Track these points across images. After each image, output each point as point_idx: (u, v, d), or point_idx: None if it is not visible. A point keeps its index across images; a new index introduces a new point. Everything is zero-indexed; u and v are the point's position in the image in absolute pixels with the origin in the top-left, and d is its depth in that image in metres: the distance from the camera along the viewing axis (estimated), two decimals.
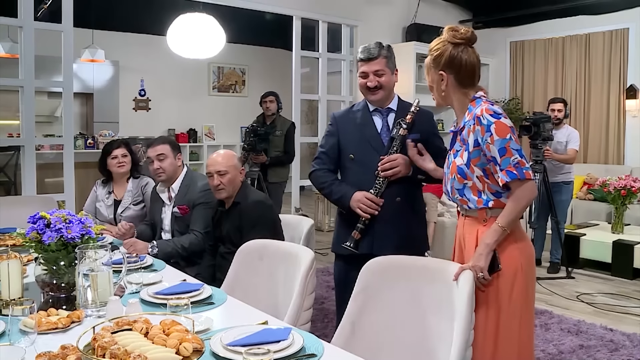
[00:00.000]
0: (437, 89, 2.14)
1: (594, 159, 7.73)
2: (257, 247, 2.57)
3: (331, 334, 2.15)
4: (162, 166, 3.34)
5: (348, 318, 2.11)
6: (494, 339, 2.02)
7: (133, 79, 10.04)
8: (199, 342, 1.50)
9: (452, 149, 2.18)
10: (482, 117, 2.00)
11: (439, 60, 2.09)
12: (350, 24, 7.15)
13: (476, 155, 2.04)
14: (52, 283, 2.06)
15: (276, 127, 5.83)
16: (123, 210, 3.76)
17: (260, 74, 11.43)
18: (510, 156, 1.97)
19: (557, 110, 5.55)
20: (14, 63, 5.66)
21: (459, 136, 2.13)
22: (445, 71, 2.09)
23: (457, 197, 2.12)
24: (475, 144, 2.03)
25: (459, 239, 2.19)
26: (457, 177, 2.09)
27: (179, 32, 4.56)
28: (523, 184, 1.98)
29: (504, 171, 1.97)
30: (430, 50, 2.13)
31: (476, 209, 2.08)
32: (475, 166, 2.05)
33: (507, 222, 1.99)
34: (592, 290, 4.94)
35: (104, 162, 3.82)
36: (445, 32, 2.10)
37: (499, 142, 1.97)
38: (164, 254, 3.04)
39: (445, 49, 2.08)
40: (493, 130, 1.98)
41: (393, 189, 2.60)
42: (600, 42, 7.62)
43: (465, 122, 2.09)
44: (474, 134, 2.02)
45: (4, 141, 7.56)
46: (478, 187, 2.06)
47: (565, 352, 3.55)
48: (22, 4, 4.57)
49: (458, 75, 2.09)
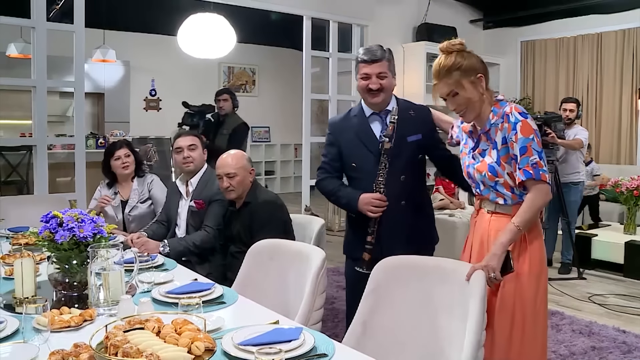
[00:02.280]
0: (478, 96, 2.11)
1: (606, 159, 7.68)
2: (268, 247, 2.57)
3: (341, 334, 2.15)
4: (192, 155, 3.39)
5: (359, 318, 2.11)
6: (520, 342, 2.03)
7: (144, 79, 10.09)
8: (210, 342, 1.50)
9: (477, 149, 2.17)
10: (510, 114, 2.05)
11: (472, 65, 2.09)
12: (361, 24, 7.15)
13: (505, 152, 2.07)
14: (64, 282, 2.07)
15: (223, 125, 5.61)
16: (131, 209, 3.78)
17: (271, 73, 11.46)
18: (530, 155, 1.99)
19: (569, 110, 5.52)
20: (26, 63, 5.70)
21: (486, 136, 2.13)
22: (482, 74, 2.11)
23: (491, 190, 2.13)
24: (503, 141, 2.06)
25: (480, 236, 2.18)
26: (488, 175, 2.10)
27: (190, 32, 4.58)
28: (538, 185, 2.00)
29: (521, 170, 2.00)
30: (452, 66, 2.08)
31: (511, 205, 2.09)
32: (506, 163, 2.07)
33: (522, 221, 2.00)
34: (604, 292, 4.90)
35: (108, 164, 3.84)
36: (446, 47, 2.12)
37: (521, 141, 2.01)
38: (175, 252, 3.05)
39: (464, 57, 2.09)
40: (518, 129, 2.02)
41: (397, 192, 2.60)
42: (612, 41, 7.57)
43: (491, 124, 2.10)
44: (502, 132, 2.06)
45: (17, 141, 7.62)
46: (510, 184, 2.08)
47: (577, 354, 3.53)
48: (34, 5, 4.60)
49: (487, 75, 2.14)
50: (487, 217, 2.17)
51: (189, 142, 3.42)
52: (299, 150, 11.09)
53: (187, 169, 3.43)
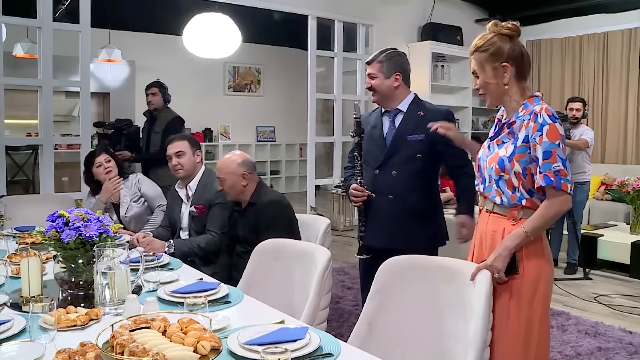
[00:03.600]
0: (497, 84, 2.06)
1: (612, 159, 7.65)
2: (274, 246, 2.57)
3: (346, 334, 2.15)
4: (180, 162, 3.38)
5: (365, 318, 2.11)
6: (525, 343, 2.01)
7: (149, 78, 10.03)
8: (216, 341, 1.50)
9: (496, 139, 2.13)
10: (539, 114, 1.96)
11: (501, 52, 2.03)
12: (366, 24, 7.14)
13: (522, 151, 2.00)
14: (70, 281, 2.08)
15: (156, 122, 5.21)
16: (126, 211, 3.79)
17: (276, 73, 11.46)
18: (554, 162, 1.94)
19: (575, 110, 5.50)
20: (32, 63, 5.73)
21: (508, 129, 2.08)
22: (509, 62, 2.03)
23: (494, 186, 2.08)
24: (525, 140, 1.99)
25: (480, 236, 2.17)
26: (495, 167, 2.05)
27: (195, 32, 4.58)
28: (557, 194, 1.94)
29: (542, 175, 1.94)
30: (482, 46, 2.05)
31: (508, 206, 2.04)
32: (517, 162, 2.00)
33: (532, 228, 1.95)
34: (610, 292, 4.88)
35: (90, 173, 3.82)
36: (492, 26, 2.06)
37: (546, 145, 1.94)
38: (180, 253, 3.05)
39: (502, 41, 2.03)
40: (545, 131, 1.94)
41: (385, 186, 2.77)
42: (618, 40, 7.54)
43: (519, 117, 2.04)
44: (526, 129, 1.99)
45: (23, 140, 7.65)
46: (513, 183, 2.02)
47: (583, 354, 3.51)
48: (40, 5, 4.62)
49: (520, 67, 2.05)
50: (486, 217, 2.15)
51: (176, 149, 3.40)
52: (304, 150, 11.08)
53: (178, 176, 3.43)
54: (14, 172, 7.68)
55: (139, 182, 3.87)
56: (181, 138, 3.49)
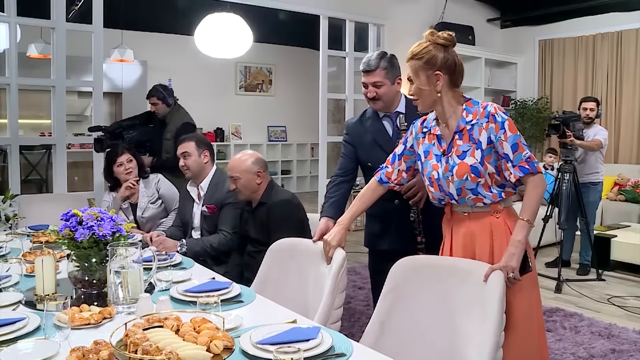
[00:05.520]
0: (430, 91, 2.13)
1: (626, 160, 7.57)
2: (288, 245, 2.57)
3: (358, 334, 2.15)
4: (186, 163, 3.40)
5: (377, 317, 2.11)
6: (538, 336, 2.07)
7: (161, 78, 10.07)
8: (229, 340, 1.50)
9: (453, 151, 2.13)
10: (496, 115, 2.07)
11: (435, 61, 2.10)
12: (377, 23, 7.12)
13: (489, 152, 2.08)
14: (84, 279, 2.10)
15: (166, 129, 5.00)
16: (143, 212, 3.79)
17: (287, 73, 11.47)
18: (522, 151, 2.04)
19: (589, 110, 5.45)
20: (46, 63, 5.77)
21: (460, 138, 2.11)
22: (441, 71, 2.10)
23: (470, 196, 2.11)
24: (489, 141, 2.07)
25: (462, 238, 2.17)
26: (470, 177, 2.09)
27: (207, 32, 4.59)
28: (535, 177, 2.05)
29: (517, 167, 2.04)
30: (417, 54, 2.12)
31: (490, 204, 2.11)
32: (488, 163, 2.08)
33: (530, 214, 2.04)
34: (623, 293, 4.84)
35: (110, 169, 3.81)
36: (429, 35, 2.13)
37: (511, 138, 2.04)
38: (192, 252, 3.06)
39: (437, 50, 2.10)
40: (506, 127, 2.05)
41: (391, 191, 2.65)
42: (632, 39, 7.46)
43: (469, 122, 2.10)
44: (487, 131, 2.06)
45: (36, 140, 7.70)
46: (488, 184, 2.10)
47: (596, 356, 3.49)
48: (54, 5, 4.64)
49: (453, 76, 2.13)
50: (463, 218, 2.17)
51: (182, 150, 3.42)
52: (315, 150, 11.09)
53: (186, 176, 3.45)
54: (27, 172, 7.74)
55: (159, 183, 3.86)
56: (189, 139, 3.49)
